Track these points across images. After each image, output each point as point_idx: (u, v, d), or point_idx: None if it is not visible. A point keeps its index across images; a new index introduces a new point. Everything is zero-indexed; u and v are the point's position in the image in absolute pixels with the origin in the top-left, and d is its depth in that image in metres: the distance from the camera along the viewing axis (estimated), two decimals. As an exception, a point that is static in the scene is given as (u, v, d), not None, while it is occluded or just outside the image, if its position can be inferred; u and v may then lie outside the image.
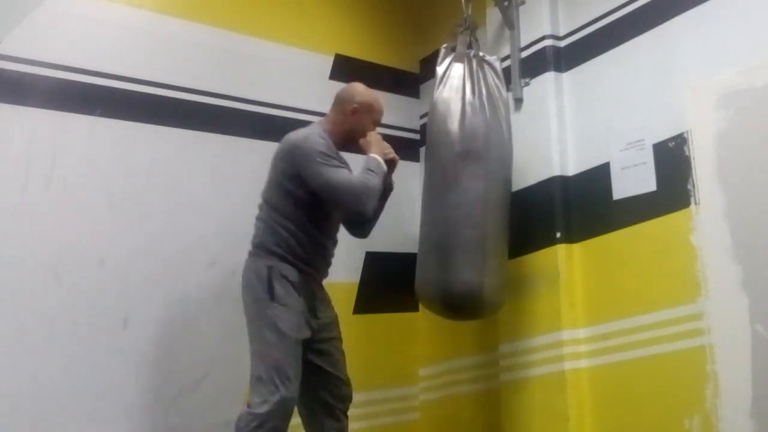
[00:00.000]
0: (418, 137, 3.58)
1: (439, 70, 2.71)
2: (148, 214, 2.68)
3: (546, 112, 2.84)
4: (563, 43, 2.92)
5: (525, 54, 2.97)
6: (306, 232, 2.28)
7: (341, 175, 2.23)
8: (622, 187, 2.61)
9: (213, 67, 2.96)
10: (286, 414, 2.11)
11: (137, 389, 2.55)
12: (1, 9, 2.51)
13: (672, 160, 2.46)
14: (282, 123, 3.04)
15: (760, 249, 2.19)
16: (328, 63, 3.31)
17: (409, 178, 3.34)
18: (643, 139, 2.56)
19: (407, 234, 3.34)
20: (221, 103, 2.94)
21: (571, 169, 2.80)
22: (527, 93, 2.93)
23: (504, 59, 2.89)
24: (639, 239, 2.52)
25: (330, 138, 2.35)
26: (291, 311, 2.18)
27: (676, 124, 2.46)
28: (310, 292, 2.29)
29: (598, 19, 2.80)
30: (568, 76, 2.89)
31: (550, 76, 2.87)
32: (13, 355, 2.34)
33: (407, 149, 3.49)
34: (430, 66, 3.24)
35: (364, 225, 2.50)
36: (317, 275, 2.35)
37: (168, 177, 2.76)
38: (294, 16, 3.27)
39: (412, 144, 3.55)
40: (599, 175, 2.69)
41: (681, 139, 2.44)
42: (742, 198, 2.26)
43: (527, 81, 2.93)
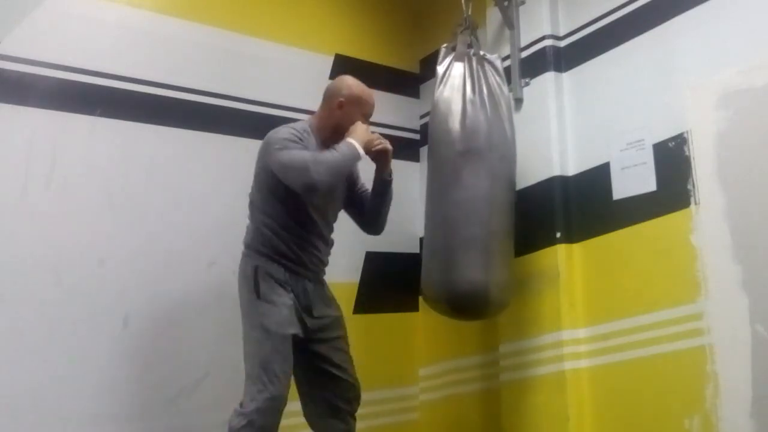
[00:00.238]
0: (418, 137, 3.58)
1: (440, 69, 2.70)
2: (148, 214, 2.68)
3: (546, 112, 2.84)
4: (563, 43, 2.92)
5: (525, 54, 2.97)
6: (290, 230, 2.25)
7: (292, 152, 2.16)
8: (622, 187, 2.61)
9: (213, 67, 2.96)
10: (275, 411, 2.09)
11: (137, 389, 2.55)
12: (1, 9, 2.51)
13: (672, 160, 2.46)
14: (282, 123, 3.02)
15: (760, 249, 2.19)
16: (328, 63, 3.31)
17: (409, 178, 3.35)
18: (643, 139, 2.56)
19: (407, 234, 3.34)
20: (221, 103, 2.94)
21: (571, 169, 2.80)
22: (527, 93, 2.93)
23: (504, 59, 2.88)
24: (639, 239, 2.52)
25: (317, 133, 2.32)
26: (277, 308, 2.17)
27: (676, 124, 2.46)
28: (303, 290, 2.26)
29: (598, 19, 2.80)
30: (568, 76, 2.89)
31: (550, 76, 2.87)
32: (13, 354, 2.34)
33: (407, 149, 3.49)
34: (430, 66, 3.24)
35: (373, 219, 2.49)
36: (309, 273, 2.30)
37: (168, 177, 2.76)
38: (294, 16, 3.27)
39: (412, 144, 3.55)
40: (599, 175, 2.69)
41: (681, 139, 2.44)
42: (742, 198, 2.26)
43: (527, 81, 2.93)
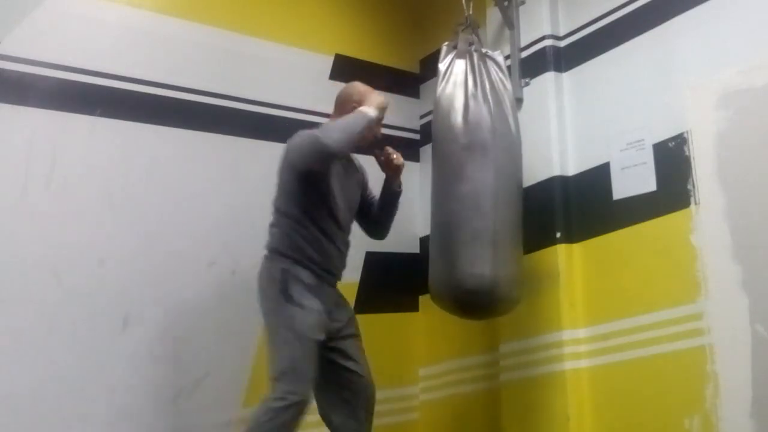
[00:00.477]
0: (418, 137, 3.58)
1: (441, 66, 2.66)
2: (148, 214, 2.68)
3: (546, 112, 2.84)
4: (563, 43, 2.93)
5: (525, 54, 2.97)
6: (317, 236, 2.29)
7: (302, 136, 2.25)
8: (622, 187, 2.61)
9: (213, 67, 2.96)
10: (300, 413, 2.13)
11: (137, 389, 2.55)
12: (1, 9, 2.51)
13: (672, 160, 2.46)
14: (282, 123, 3.04)
15: (760, 249, 2.19)
16: (328, 63, 3.31)
17: (409, 178, 3.31)
18: (643, 139, 2.56)
19: (407, 234, 3.34)
20: (221, 103, 2.94)
21: (571, 169, 2.80)
22: (527, 93, 2.93)
23: (504, 59, 2.87)
24: (639, 239, 2.52)
25: None
26: (307, 312, 2.19)
27: (676, 124, 2.46)
28: (325, 294, 2.29)
29: (598, 19, 2.80)
30: (568, 76, 2.89)
31: (550, 76, 2.88)
32: (13, 354, 2.34)
33: (407, 149, 3.47)
34: (430, 66, 3.24)
35: (379, 226, 2.57)
36: (331, 278, 2.35)
37: (168, 177, 2.76)
38: (294, 16, 3.27)
39: (412, 144, 3.55)
40: (599, 175, 2.69)
41: (681, 139, 2.44)
42: (742, 198, 2.26)
43: (527, 81, 2.93)
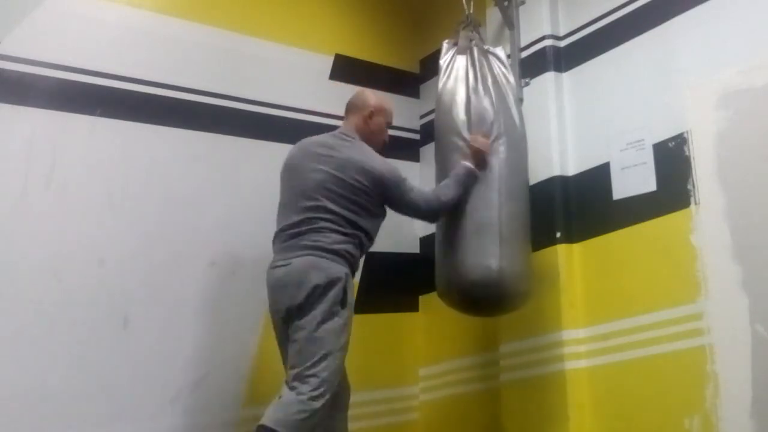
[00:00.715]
0: (418, 137, 3.58)
1: (442, 63, 2.67)
2: (148, 214, 2.68)
3: (546, 112, 2.84)
4: (563, 43, 2.93)
5: (525, 54, 2.97)
6: (366, 245, 2.38)
7: (420, 196, 2.42)
8: (622, 187, 2.61)
9: (213, 67, 2.96)
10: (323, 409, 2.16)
11: (137, 389, 2.54)
12: (1, 9, 2.51)
13: (672, 160, 2.46)
14: (282, 123, 3.04)
15: (760, 249, 2.19)
16: (328, 63, 3.31)
17: (408, 178, 3.34)
18: (643, 139, 2.56)
19: (407, 234, 3.34)
20: (221, 103, 2.94)
21: (571, 169, 2.80)
22: (527, 93, 2.93)
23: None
24: (639, 239, 2.52)
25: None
26: (351, 320, 2.26)
27: (676, 124, 2.46)
28: None
29: (598, 19, 2.80)
30: (568, 76, 2.89)
31: (550, 76, 2.88)
32: (13, 354, 2.34)
33: (407, 149, 3.49)
34: (430, 66, 3.24)
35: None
36: None
37: (168, 177, 2.76)
38: (294, 16, 3.27)
39: (412, 144, 3.55)
40: (599, 175, 2.69)
41: (681, 139, 2.44)
42: (742, 198, 2.26)
43: (527, 81, 2.93)
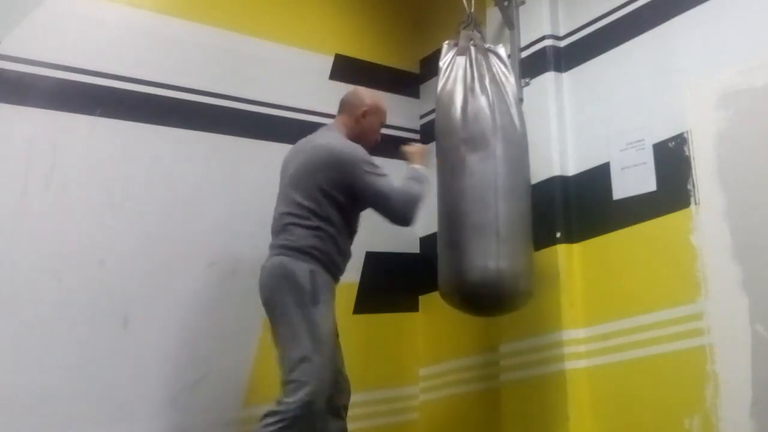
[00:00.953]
0: (418, 137, 3.57)
1: (442, 64, 2.66)
2: (148, 214, 2.68)
3: (546, 112, 2.84)
4: (563, 43, 2.93)
5: (525, 54, 2.97)
6: (341, 238, 2.32)
7: (389, 184, 2.32)
8: (622, 187, 2.61)
9: (213, 67, 2.96)
10: (316, 418, 2.12)
11: (137, 389, 2.55)
12: (1, 9, 2.51)
13: (672, 160, 2.46)
14: (282, 123, 3.04)
15: (760, 249, 2.19)
16: (328, 63, 3.31)
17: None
18: (643, 139, 2.56)
19: (407, 234, 3.33)
20: (221, 103, 2.94)
21: (571, 169, 2.80)
22: (527, 93, 2.92)
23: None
24: (639, 239, 2.52)
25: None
26: (329, 317, 2.22)
27: (676, 124, 2.46)
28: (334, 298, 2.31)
29: (598, 19, 2.80)
30: (568, 76, 2.89)
31: (550, 76, 2.87)
32: (13, 355, 2.34)
33: (407, 149, 3.49)
34: (430, 66, 3.24)
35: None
36: (338, 280, 2.37)
37: (168, 177, 2.76)
38: (294, 16, 3.27)
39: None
40: (599, 175, 2.69)
41: (681, 139, 2.44)
42: (742, 198, 2.26)
43: (527, 81, 2.93)
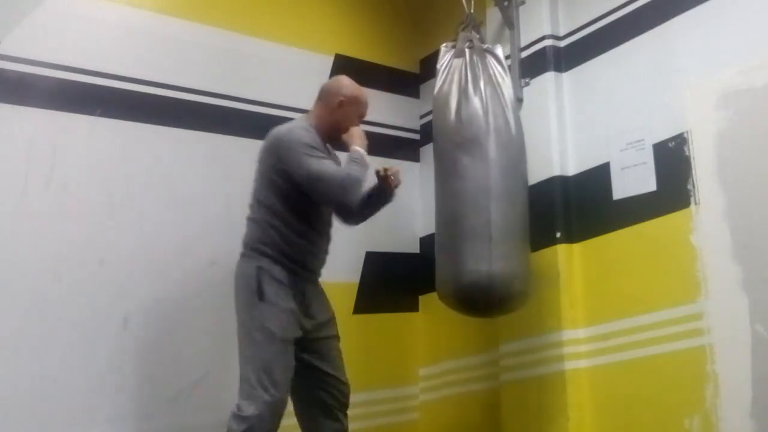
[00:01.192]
0: (418, 137, 3.58)
1: (439, 66, 2.67)
2: (148, 214, 2.68)
3: (546, 112, 2.84)
4: (563, 43, 2.93)
5: (525, 54, 2.97)
6: (295, 229, 2.24)
7: (324, 165, 2.19)
8: (622, 187, 2.61)
9: (213, 67, 2.96)
10: (276, 416, 2.09)
11: (137, 389, 2.55)
12: (1, 9, 2.51)
13: (672, 160, 2.46)
14: (282, 123, 3.04)
15: (760, 249, 2.19)
16: (328, 63, 3.31)
17: (409, 178, 3.34)
18: (643, 139, 2.56)
19: (407, 234, 3.34)
20: (221, 103, 2.94)
21: (571, 169, 2.80)
22: (527, 93, 2.93)
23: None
24: (639, 239, 2.52)
25: (316, 132, 2.32)
26: (280, 311, 2.16)
27: (676, 124, 2.47)
28: (301, 292, 2.25)
29: (598, 19, 2.80)
30: (568, 76, 2.89)
31: (550, 76, 2.88)
32: (13, 354, 2.34)
33: (407, 149, 3.49)
34: (430, 66, 3.23)
35: (358, 218, 2.47)
36: (308, 274, 2.30)
37: (168, 177, 2.76)
38: (294, 16, 3.27)
39: (412, 144, 3.55)
40: (599, 175, 2.69)
41: (681, 139, 2.44)
42: (742, 198, 2.26)
43: (527, 81, 2.94)
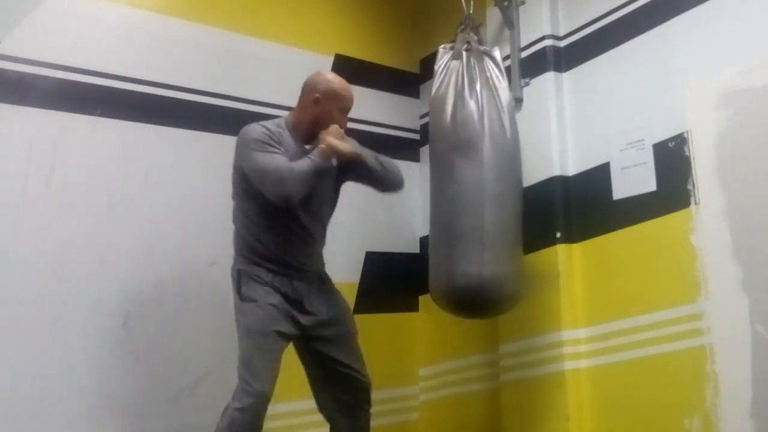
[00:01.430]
0: (418, 137, 3.57)
1: (437, 68, 2.68)
2: (148, 214, 2.68)
3: (546, 112, 2.84)
4: (563, 43, 2.93)
5: (525, 54, 2.97)
6: (270, 231, 2.22)
7: (268, 158, 2.13)
8: (622, 187, 2.61)
9: (213, 67, 2.96)
10: (256, 409, 2.08)
11: (137, 389, 2.55)
12: (1, 9, 2.51)
13: (672, 160, 2.46)
14: (282, 123, 3.04)
15: (760, 249, 2.19)
16: (328, 63, 3.30)
17: (409, 178, 3.32)
18: (643, 139, 2.56)
19: (407, 234, 3.34)
20: (221, 103, 2.94)
21: (571, 169, 2.80)
22: (527, 93, 2.93)
23: (504, 59, 2.87)
24: (639, 239, 2.52)
25: (294, 129, 2.28)
26: (257, 307, 2.16)
27: (676, 124, 2.47)
28: (291, 289, 2.23)
29: (598, 19, 2.80)
30: (568, 76, 2.89)
31: (550, 76, 2.88)
32: (14, 355, 2.34)
33: (407, 149, 3.49)
34: (430, 66, 3.22)
35: (383, 185, 2.42)
36: (296, 272, 2.26)
37: (168, 177, 2.76)
38: (294, 16, 3.27)
39: (412, 144, 3.54)
40: (599, 175, 2.69)
41: (681, 139, 2.44)
42: (742, 198, 2.26)
43: (527, 81, 2.93)
